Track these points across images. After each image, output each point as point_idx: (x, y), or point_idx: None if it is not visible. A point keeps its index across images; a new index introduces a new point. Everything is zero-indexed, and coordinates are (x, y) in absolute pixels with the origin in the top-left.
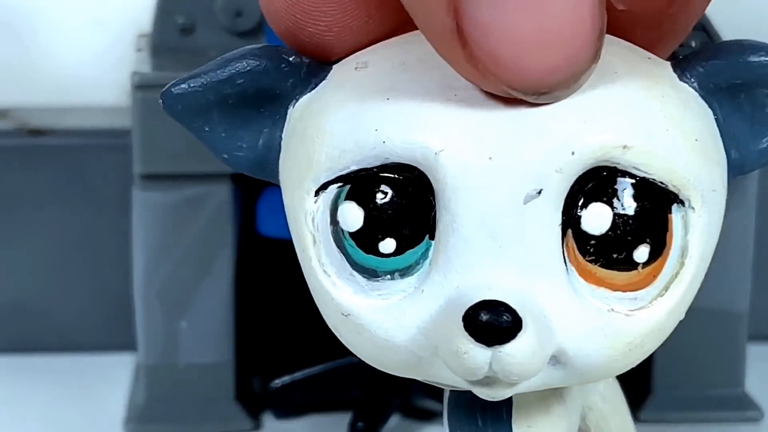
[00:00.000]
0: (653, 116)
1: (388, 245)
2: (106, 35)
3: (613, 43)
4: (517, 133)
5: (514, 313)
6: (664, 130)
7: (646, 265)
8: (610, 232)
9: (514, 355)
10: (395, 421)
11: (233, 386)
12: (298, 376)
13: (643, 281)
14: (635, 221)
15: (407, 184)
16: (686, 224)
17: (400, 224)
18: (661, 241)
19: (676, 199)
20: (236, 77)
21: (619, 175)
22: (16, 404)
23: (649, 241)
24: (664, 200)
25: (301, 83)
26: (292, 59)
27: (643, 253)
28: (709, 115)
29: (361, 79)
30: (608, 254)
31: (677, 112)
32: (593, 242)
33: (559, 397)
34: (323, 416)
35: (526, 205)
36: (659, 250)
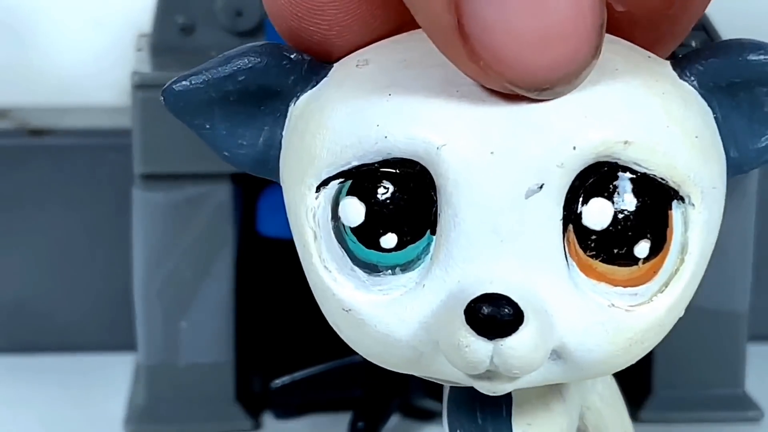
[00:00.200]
0: (654, 113)
1: (389, 240)
2: (106, 35)
3: (613, 41)
4: (518, 128)
5: (515, 306)
6: (664, 126)
7: (646, 260)
8: (610, 227)
9: (515, 348)
10: (395, 421)
11: (233, 386)
12: (298, 376)
13: (643, 277)
14: (636, 217)
15: (408, 179)
16: (686, 221)
17: (401, 219)
18: (661, 236)
19: (676, 195)
20: (238, 74)
21: (620, 170)
22: (16, 404)
23: (649, 236)
24: (664, 196)
25: (302, 80)
26: (293, 56)
27: (643, 248)
28: (708, 113)
29: (362, 76)
30: (609, 249)
31: (678, 109)
32: (594, 237)
33: (558, 395)
34: (323, 416)
35: (527, 199)
36: (659, 245)
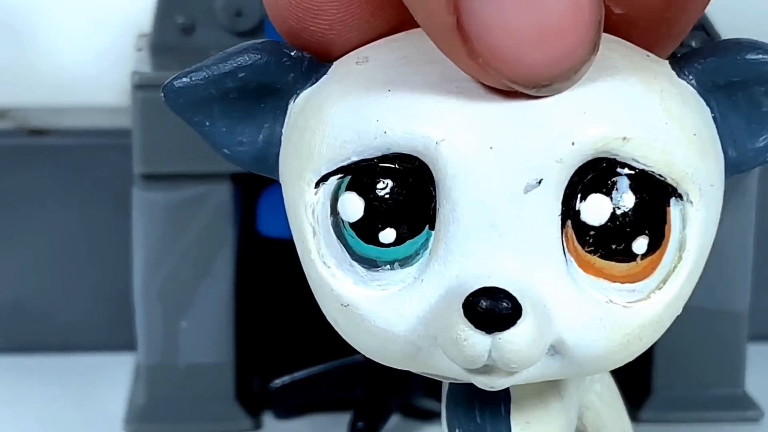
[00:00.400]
0: (653, 110)
1: (388, 235)
2: (106, 35)
3: (611, 40)
4: (517, 123)
5: (513, 300)
6: (663, 123)
7: (644, 257)
8: (609, 223)
9: (513, 342)
10: (395, 421)
11: (233, 386)
12: (298, 376)
13: (641, 273)
14: (634, 213)
15: (407, 174)
16: (684, 218)
17: (400, 214)
18: (659, 233)
19: (674, 192)
20: (238, 71)
21: (618, 166)
22: (16, 404)
23: (647, 232)
24: (662, 193)
25: (302, 78)
26: (293, 54)
27: (641, 244)
28: (707, 112)
29: (362, 72)
30: (607, 245)
31: (676, 107)
32: (592, 233)
33: (556, 393)
34: (323, 416)
35: (526, 194)
36: (658, 242)
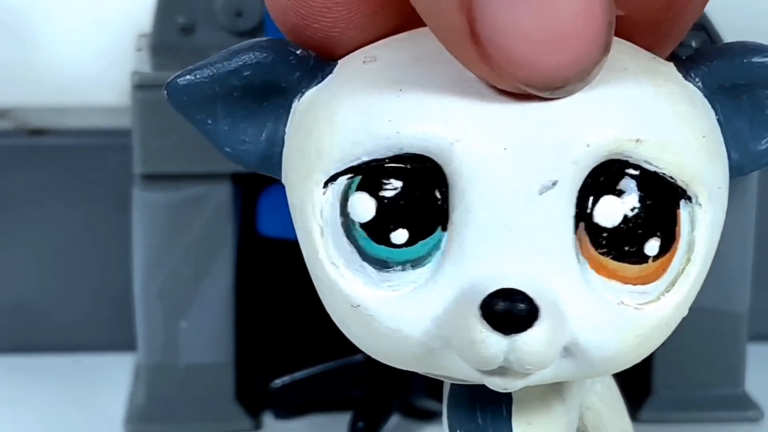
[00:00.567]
0: (664, 112)
1: (400, 236)
2: (106, 35)
3: (619, 42)
4: (532, 124)
5: (531, 301)
6: (675, 125)
7: (656, 258)
8: (621, 224)
9: (530, 344)
10: (395, 421)
11: (233, 386)
12: (298, 376)
13: (652, 275)
14: (646, 215)
15: (419, 175)
16: (693, 220)
17: (412, 215)
18: (670, 235)
19: (684, 194)
20: (243, 69)
21: (630, 168)
22: (16, 404)
23: (659, 234)
24: (672, 195)
25: (307, 76)
26: (299, 52)
27: (653, 246)
28: (712, 114)
29: (371, 71)
30: (620, 247)
31: (686, 109)
32: (605, 235)
33: (558, 395)
34: (323, 416)
35: (541, 196)
36: (668, 244)
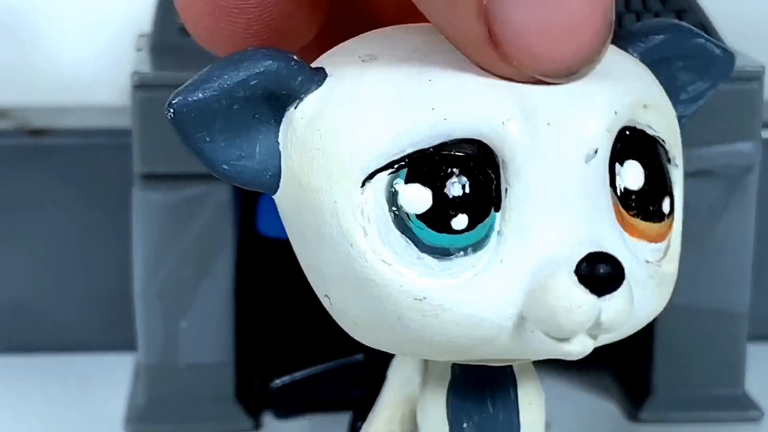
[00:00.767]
0: (653, 81)
1: (460, 221)
2: (106, 35)
3: None
4: (564, 99)
5: (619, 262)
6: (659, 92)
7: (668, 216)
8: (645, 186)
9: (620, 302)
10: None
11: (233, 386)
12: (298, 376)
13: (665, 233)
14: (660, 175)
15: (468, 159)
16: (674, 180)
17: (469, 199)
18: (672, 194)
19: (667, 156)
20: (251, 78)
21: (637, 134)
22: (16, 404)
23: (669, 193)
24: (666, 157)
25: (307, 80)
26: (296, 57)
27: (667, 204)
28: None
29: (382, 67)
30: (646, 207)
31: (655, 79)
32: (634, 197)
33: (535, 374)
34: (323, 416)
35: (587, 164)
36: (673, 202)
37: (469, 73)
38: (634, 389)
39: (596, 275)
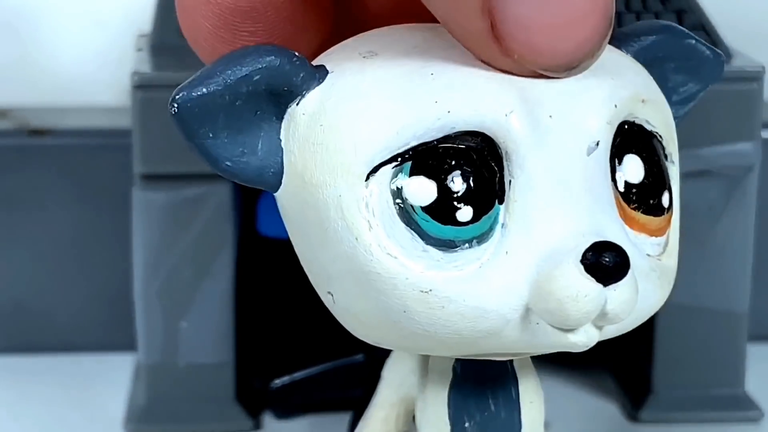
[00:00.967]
0: (649, 78)
1: (465, 213)
2: (106, 35)
3: None
4: (565, 92)
5: (624, 252)
6: (656, 88)
7: (668, 210)
8: (645, 179)
9: (626, 291)
10: None
11: (233, 386)
12: (298, 376)
13: (664, 227)
14: (658, 169)
15: (471, 152)
16: (671, 175)
17: (474, 191)
18: (670, 188)
19: (664, 152)
20: (254, 74)
21: (635, 128)
22: (16, 404)
23: (668, 187)
24: (663, 153)
25: (309, 77)
26: (297, 53)
27: (666, 198)
28: None
29: (384, 62)
30: (647, 200)
31: (649, 76)
32: (634, 190)
33: (535, 372)
34: (323, 416)
35: (589, 157)
36: (672, 196)
37: (470, 67)
38: (634, 389)
39: (602, 264)
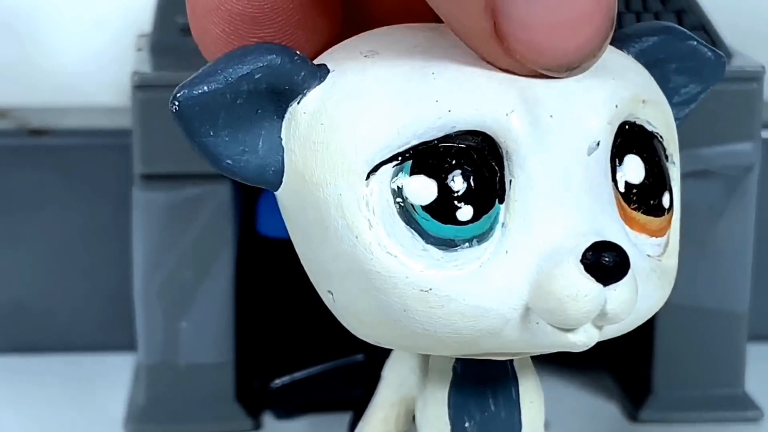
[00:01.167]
0: (650, 79)
1: (465, 212)
2: (106, 35)
3: None
4: (566, 92)
5: (624, 252)
6: (656, 89)
7: (668, 210)
8: (646, 180)
9: (626, 291)
10: None
11: (233, 386)
12: (298, 376)
13: (665, 228)
14: (659, 169)
15: (471, 151)
16: (672, 176)
17: (474, 190)
18: (671, 189)
19: (665, 152)
20: (255, 72)
21: (636, 129)
22: (16, 404)
23: (668, 188)
24: (663, 153)
25: (310, 76)
26: (299, 52)
27: (667, 199)
28: None
29: (385, 61)
30: (647, 200)
31: (651, 76)
32: (635, 191)
33: (535, 372)
34: (323, 416)
35: (589, 157)
36: (672, 197)
37: (471, 67)
38: (634, 389)
39: (602, 264)
